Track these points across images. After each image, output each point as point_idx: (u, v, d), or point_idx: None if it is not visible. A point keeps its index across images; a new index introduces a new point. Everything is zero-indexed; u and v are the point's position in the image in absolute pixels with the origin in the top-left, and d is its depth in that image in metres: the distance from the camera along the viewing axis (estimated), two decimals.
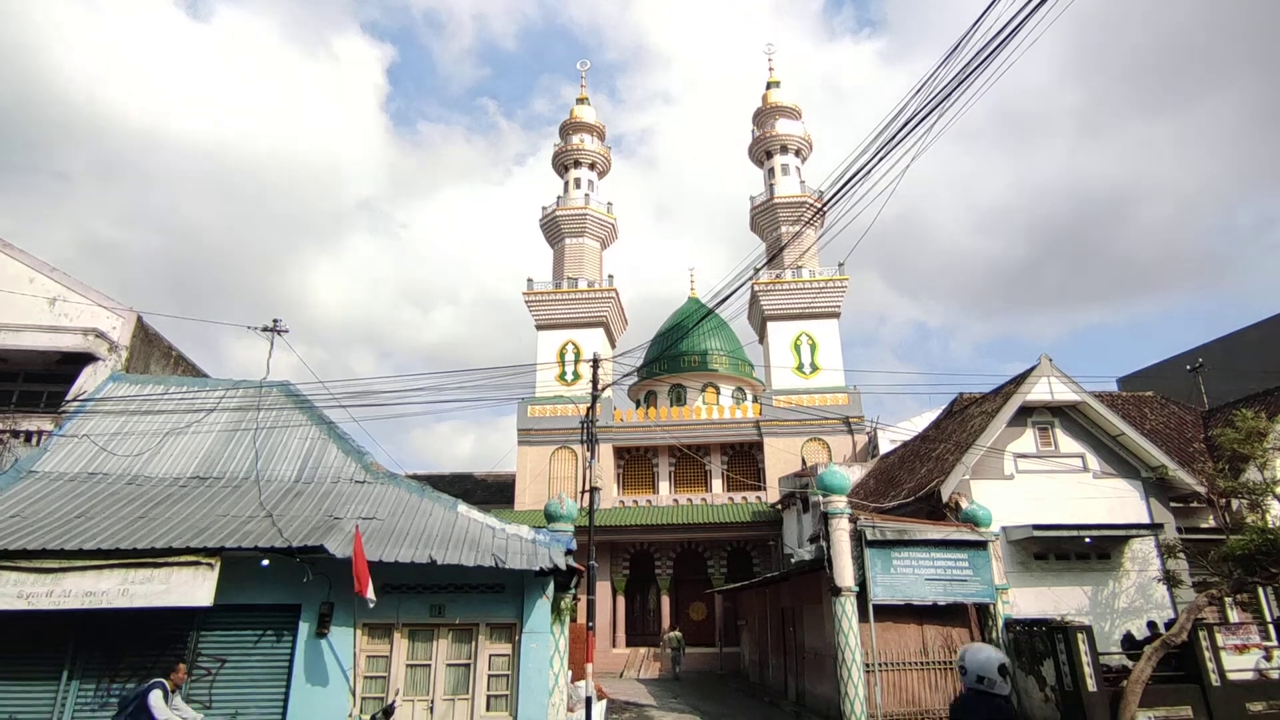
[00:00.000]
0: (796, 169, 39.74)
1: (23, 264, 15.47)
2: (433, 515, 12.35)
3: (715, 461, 34.46)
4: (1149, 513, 16.91)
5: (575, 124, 41.67)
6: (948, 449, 18.70)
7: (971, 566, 14.49)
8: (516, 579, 11.21)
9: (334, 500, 12.59)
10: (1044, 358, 17.58)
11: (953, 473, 16.48)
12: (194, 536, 10.41)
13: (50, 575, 9.55)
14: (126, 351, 15.52)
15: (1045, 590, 15.90)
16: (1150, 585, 16.21)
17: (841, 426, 32.64)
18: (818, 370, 34.15)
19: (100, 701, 10.14)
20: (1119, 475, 17.29)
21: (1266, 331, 32.12)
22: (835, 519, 14.39)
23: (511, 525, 12.16)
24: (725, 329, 40.04)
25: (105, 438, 13.61)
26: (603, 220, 39.57)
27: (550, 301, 36.74)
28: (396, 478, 13.87)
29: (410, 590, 11.06)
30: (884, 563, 14.23)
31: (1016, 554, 16.25)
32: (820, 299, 35.02)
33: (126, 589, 9.57)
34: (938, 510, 16.25)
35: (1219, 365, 28.48)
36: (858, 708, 13.24)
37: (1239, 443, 15.37)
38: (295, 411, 14.88)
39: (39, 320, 14.99)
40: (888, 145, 8.01)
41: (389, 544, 10.74)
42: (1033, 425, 17.65)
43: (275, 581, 10.66)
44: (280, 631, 10.74)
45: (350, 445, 14.41)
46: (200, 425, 14.31)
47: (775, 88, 42.17)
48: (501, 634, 11.12)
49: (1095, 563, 16.45)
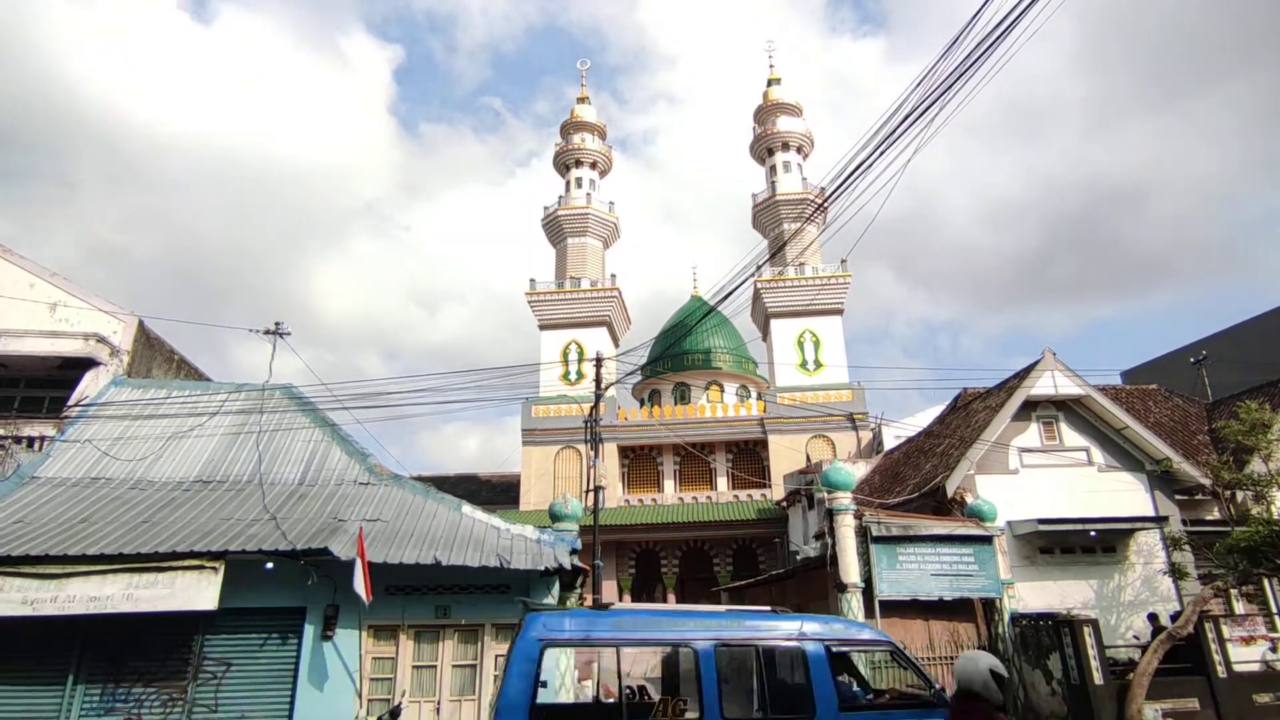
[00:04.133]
0: (798, 166, 39.68)
1: (23, 269, 15.49)
2: (437, 516, 12.35)
3: (720, 459, 34.44)
4: (1154, 506, 16.85)
5: (576, 123, 41.63)
6: (952, 444, 18.64)
7: (977, 561, 14.45)
8: (522, 579, 11.20)
9: (338, 503, 12.59)
10: (1047, 351, 17.53)
11: (957, 468, 16.43)
12: (198, 540, 10.42)
13: (55, 581, 9.57)
14: (128, 356, 15.54)
15: (1051, 584, 15.84)
16: (1156, 578, 16.15)
17: (846, 423, 32.60)
18: (821, 367, 34.10)
19: (106, 707, 10.15)
20: (1123, 468, 17.22)
21: (1271, 323, 32.00)
22: (840, 515, 14.35)
23: (516, 525, 12.15)
24: (728, 327, 40.02)
25: (108, 443, 13.62)
26: (605, 219, 39.54)
27: (553, 301, 36.73)
28: (400, 479, 13.87)
29: (415, 591, 11.05)
30: (889, 559, 14.19)
31: (1022, 548, 16.20)
32: (823, 295, 34.95)
33: (131, 594, 9.59)
34: (943, 506, 16.21)
35: (1223, 357, 28.40)
36: None
37: (1243, 435, 15.33)
38: (298, 414, 14.88)
39: (40, 326, 15.01)
40: (889, 139, 7.98)
41: (393, 546, 10.74)
42: (1037, 419, 17.59)
43: (280, 584, 10.65)
44: (285, 634, 10.74)
45: (354, 447, 14.41)
46: (203, 429, 14.31)
47: (776, 85, 42.11)
48: (507, 634, 11.09)
49: (1101, 556, 16.40)
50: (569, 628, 7.75)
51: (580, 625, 7.83)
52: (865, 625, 10.81)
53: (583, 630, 7.80)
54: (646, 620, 8.28)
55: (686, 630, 7.90)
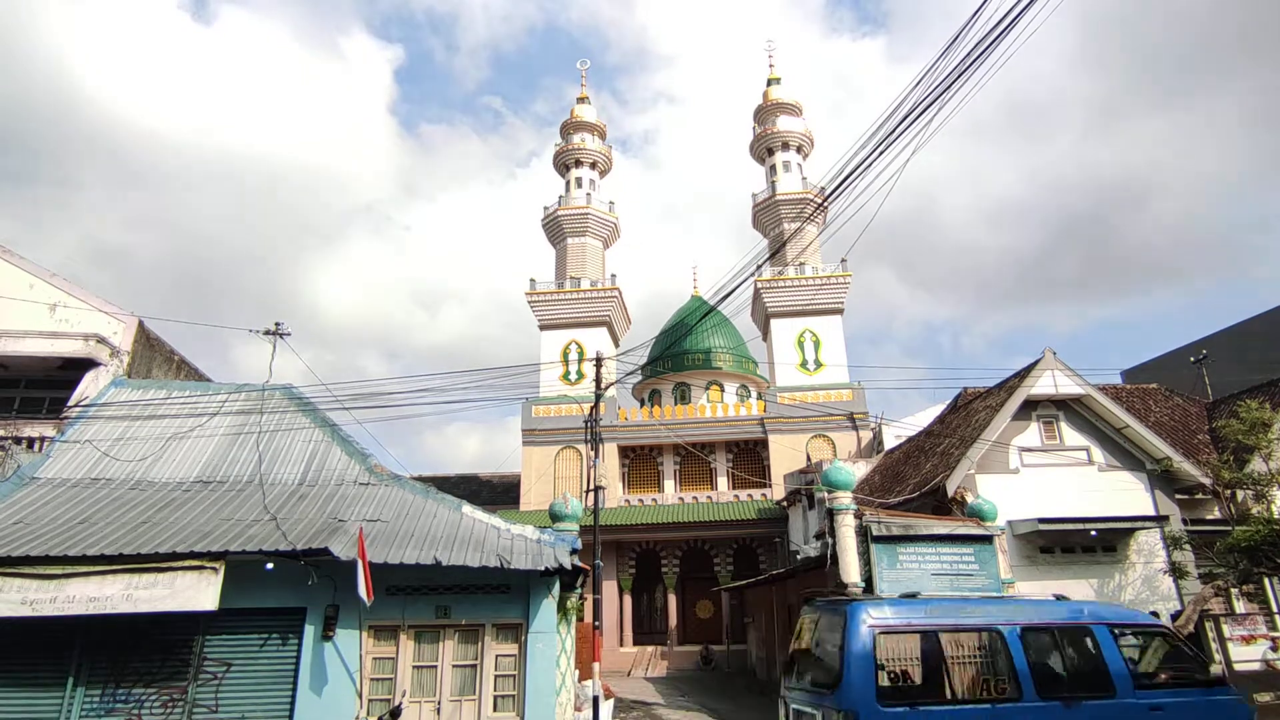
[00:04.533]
0: (798, 165, 39.65)
1: (23, 270, 15.49)
2: (437, 516, 12.34)
3: (720, 459, 34.43)
4: (1154, 505, 16.85)
5: (576, 123, 41.61)
6: (952, 444, 18.64)
7: (977, 561, 14.44)
8: (522, 579, 11.19)
9: (338, 503, 12.58)
10: (1048, 351, 17.53)
11: (958, 467, 16.43)
12: (198, 541, 10.41)
13: (54, 581, 9.56)
14: (128, 356, 15.53)
15: (1052, 583, 15.80)
16: (1156, 577, 16.16)
17: (846, 423, 32.59)
18: (822, 367, 34.09)
19: (106, 707, 10.15)
20: (1124, 468, 17.22)
21: (1271, 322, 32.02)
22: (840, 515, 14.35)
23: (516, 526, 12.14)
24: (728, 326, 40.00)
25: (108, 443, 13.62)
26: (604, 219, 39.52)
27: (553, 301, 36.72)
28: (401, 479, 13.87)
29: (415, 592, 11.05)
30: (890, 558, 14.19)
31: (1023, 548, 16.21)
32: (823, 295, 34.94)
33: (131, 594, 9.58)
34: (943, 505, 16.21)
35: (1224, 357, 28.40)
36: None
37: (1244, 434, 15.34)
38: (299, 415, 14.88)
39: (40, 326, 15.01)
40: (889, 138, 7.97)
41: (394, 546, 10.74)
42: (1037, 419, 17.59)
43: (280, 585, 10.65)
44: (286, 635, 10.73)
45: (354, 447, 14.40)
46: (203, 429, 14.31)
47: (776, 84, 42.07)
48: (508, 634, 11.11)
49: (1101, 555, 16.40)
50: (893, 616, 8.65)
51: (902, 613, 8.74)
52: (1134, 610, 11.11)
53: (905, 618, 8.68)
54: (954, 607, 9.15)
55: (991, 616, 8.78)
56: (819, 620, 9.79)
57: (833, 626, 9.07)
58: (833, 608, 9.42)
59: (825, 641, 9.34)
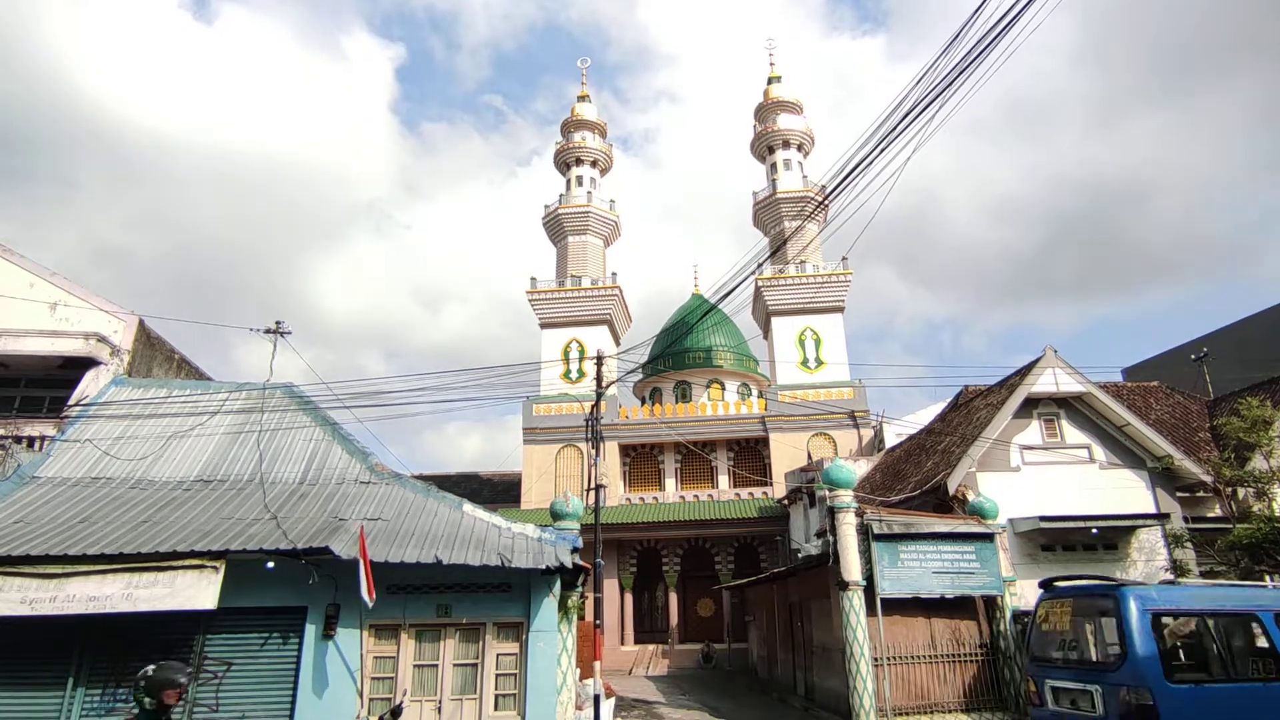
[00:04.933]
0: (799, 164, 39.62)
1: (23, 269, 15.48)
2: (438, 515, 12.32)
3: (721, 458, 34.42)
4: (1155, 503, 16.84)
5: (577, 121, 41.59)
6: (953, 442, 18.62)
7: (979, 559, 14.43)
8: (523, 578, 11.17)
9: (339, 502, 12.57)
10: (1049, 349, 17.51)
11: (959, 466, 16.42)
12: (198, 540, 10.40)
13: (54, 580, 9.54)
14: (129, 355, 15.52)
15: None
16: (1157, 575, 16.12)
17: (847, 421, 32.59)
18: (823, 365, 34.08)
19: (107, 707, 10.13)
20: (1125, 466, 17.21)
21: (1272, 320, 31.98)
22: (841, 513, 14.34)
23: (517, 524, 12.12)
24: (729, 325, 39.98)
25: (108, 442, 13.61)
26: (605, 218, 39.50)
27: (553, 300, 36.71)
28: (401, 478, 13.85)
29: (416, 591, 11.03)
30: (891, 556, 14.17)
31: (1024, 546, 16.19)
32: (823, 293, 34.92)
33: (131, 593, 9.56)
34: (944, 503, 16.20)
35: (1225, 354, 28.36)
36: (866, 702, 13.20)
37: (1244, 431, 15.34)
38: (299, 413, 14.87)
39: (40, 325, 15.00)
40: (889, 136, 7.95)
41: (394, 544, 10.72)
42: (1038, 417, 17.59)
43: (281, 584, 10.63)
44: (286, 634, 10.71)
45: (354, 446, 14.39)
46: (204, 428, 14.30)
47: (776, 83, 42.04)
48: (509, 633, 11.09)
49: (1102, 553, 16.39)
50: (1162, 600, 9.27)
51: (1172, 598, 9.45)
52: None
53: (1175, 601, 9.40)
54: (1214, 594, 9.81)
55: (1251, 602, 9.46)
56: (1074, 605, 10.49)
57: (1100, 610, 9.82)
58: (1097, 591, 10.19)
59: (1088, 624, 10.13)
